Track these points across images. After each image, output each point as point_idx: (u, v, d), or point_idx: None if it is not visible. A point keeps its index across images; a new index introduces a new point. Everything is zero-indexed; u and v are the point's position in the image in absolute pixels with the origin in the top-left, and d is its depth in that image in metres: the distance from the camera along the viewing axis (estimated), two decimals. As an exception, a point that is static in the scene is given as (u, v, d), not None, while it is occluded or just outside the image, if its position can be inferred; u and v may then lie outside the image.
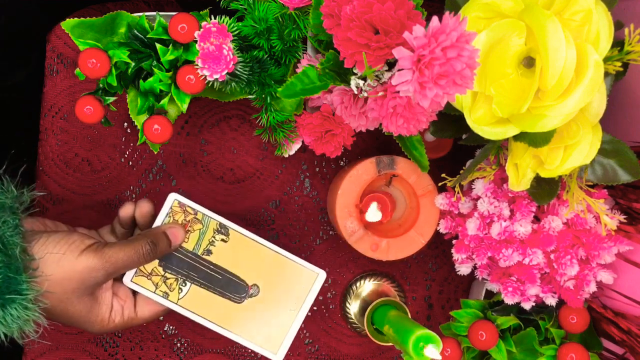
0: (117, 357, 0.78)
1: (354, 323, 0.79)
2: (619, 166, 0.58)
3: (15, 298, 0.54)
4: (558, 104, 0.52)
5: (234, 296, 0.66)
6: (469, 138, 0.61)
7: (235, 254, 0.66)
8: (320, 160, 0.78)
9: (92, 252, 0.58)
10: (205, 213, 0.66)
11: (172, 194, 0.65)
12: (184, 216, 0.65)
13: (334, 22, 0.53)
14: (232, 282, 0.66)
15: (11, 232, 0.55)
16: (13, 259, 0.54)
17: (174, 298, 0.65)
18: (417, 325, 0.63)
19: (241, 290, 0.66)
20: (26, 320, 0.55)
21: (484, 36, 0.54)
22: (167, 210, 0.65)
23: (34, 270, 0.56)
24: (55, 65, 0.74)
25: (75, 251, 0.58)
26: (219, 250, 0.66)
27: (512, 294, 0.67)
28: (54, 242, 0.58)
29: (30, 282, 0.55)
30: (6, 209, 0.56)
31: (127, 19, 0.62)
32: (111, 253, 0.59)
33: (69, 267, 0.57)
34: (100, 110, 0.62)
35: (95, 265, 0.58)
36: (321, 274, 0.67)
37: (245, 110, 0.77)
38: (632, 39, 0.54)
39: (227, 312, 0.66)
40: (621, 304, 0.68)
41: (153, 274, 0.65)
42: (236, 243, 0.66)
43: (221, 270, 0.66)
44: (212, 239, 0.66)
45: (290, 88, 0.56)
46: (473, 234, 0.66)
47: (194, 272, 0.66)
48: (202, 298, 0.66)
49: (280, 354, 0.67)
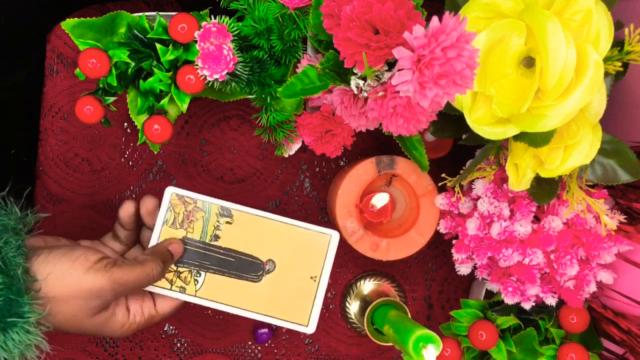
0: (117, 357, 0.78)
1: (354, 323, 0.79)
2: (619, 166, 0.58)
3: (17, 321, 0.51)
4: (558, 104, 0.52)
5: (251, 276, 0.64)
6: (469, 138, 0.61)
7: (243, 233, 0.65)
8: (320, 160, 0.78)
9: (101, 272, 0.56)
10: (204, 200, 0.65)
11: (169, 188, 0.64)
12: (184, 207, 0.65)
13: (334, 22, 0.53)
14: (246, 262, 0.65)
15: (13, 253, 0.53)
16: (15, 280, 0.52)
17: (192, 291, 0.64)
18: (417, 325, 0.63)
19: (257, 268, 0.64)
20: (28, 345, 0.53)
21: (484, 36, 0.54)
22: (167, 204, 0.64)
23: (36, 291, 0.53)
24: (55, 65, 0.74)
25: (80, 268, 0.55)
26: (226, 234, 0.65)
27: (512, 294, 0.67)
28: (56, 257, 0.55)
29: (32, 304, 0.52)
30: (9, 229, 0.55)
31: (127, 19, 0.62)
32: (120, 274, 0.57)
33: (75, 285, 0.55)
34: (100, 110, 0.62)
35: (104, 286, 0.56)
36: (334, 234, 0.65)
37: (245, 110, 0.77)
38: (632, 39, 0.54)
39: (248, 294, 0.64)
40: (621, 304, 0.68)
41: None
42: (242, 223, 0.65)
43: (233, 253, 0.65)
44: (216, 224, 0.65)
45: (290, 88, 0.56)
46: (473, 234, 0.66)
47: (206, 261, 0.64)
48: (220, 285, 0.64)
49: (311, 325, 0.65)
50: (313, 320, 0.65)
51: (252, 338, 0.79)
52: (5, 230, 0.54)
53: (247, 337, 0.79)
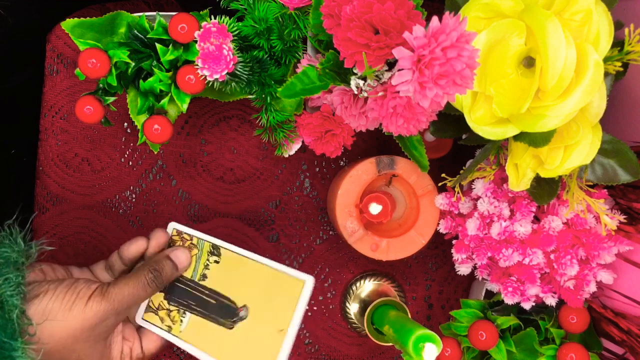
0: (117, 357, 0.78)
1: (354, 323, 0.79)
2: (619, 166, 0.58)
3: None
4: (558, 104, 0.52)
5: (226, 321, 0.62)
6: (469, 138, 0.61)
7: (227, 274, 0.63)
8: (320, 160, 0.78)
9: (99, 297, 0.56)
10: (199, 237, 0.65)
11: (172, 223, 0.66)
12: (182, 243, 0.65)
13: (334, 22, 0.53)
14: (224, 306, 0.63)
15: (11, 292, 0.52)
16: (9, 323, 0.51)
17: (176, 331, 0.64)
18: (417, 325, 0.63)
19: (232, 313, 0.62)
20: None
21: (484, 36, 0.54)
22: (168, 239, 0.66)
23: (30, 335, 0.53)
24: (55, 65, 0.74)
25: (83, 300, 0.55)
26: (213, 273, 0.64)
27: (512, 294, 0.67)
28: (62, 294, 0.55)
29: (25, 348, 0.52)
30: (10, 264, 0.54)
31: (127, 19, 0.62)
32: (116, 292, 0.57)
33: (79, 317, 0.55)
34: (100, 110, 0.62)
35: (105, 309, 0.56)
36: (308, 280, 0.59)
37: (245, 110, 0.76)
38: (632, 39, 0.54)
39: (221, 340, 0.62)
40: (621, 304, 0.68)
41: (160, 308, 0.64)
42: (227, 262, 0.63)
43: (214, 295, 0.63)
44: (206, 262, 0.64)
45: (290, 88, 0.56)
46: (473, 234, 0.66)
47: (193, 301, 0.64)
48: (200, 328, 0.63)
49: None
50: None
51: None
52: (7, 264, 0.54)
53: (247, 337, 0.79)
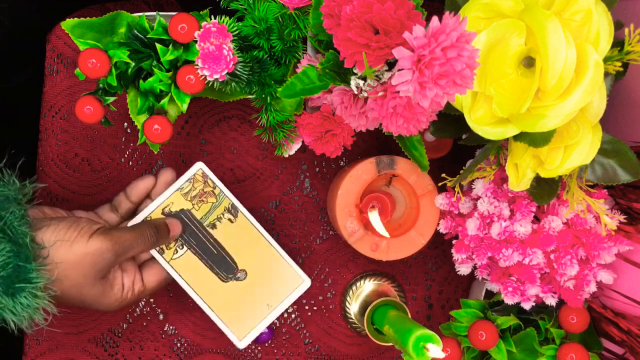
0: (117, 357, 0.78)
1: (354, 323, 0.79)
2: (619, 166, 0.58)
3: (25, 287, 0.54)
4: (558, 104, 0.52)
5: (221, 273, 0.69)
6: (469, 138, 0.61)
7: (237, 236, 0.69)
8: (320, 160, 0.78)
9: (102, 235, 0.60)
10: (222, 190, 0.69)
11: (199, 163, 0.68)
12: (203, 186, 0.68)
13: (334, 22, 0.53)
14: (224, 261, 0.69)
15: (19, 222, 0.56)
16: (23, 248, 0.55)
17: (168, 256, 0.68)
18: (417, 325, 0.63)
19: (230, 270, 0.69)
20: (36, 308, 0.56)
21: (484, 36, 0.54)
22: (191, 175, 0.68)
23: (44, 258, 0.57)
24: (55, 65, 0.74)
25: (85, 235, 0.59)
26: (223, 228, 0.69)
27: (512, 294, 0.67)
28: (65, 228, 0.59)
29: (40, 270, 0.56)
30: (11, 200, 0.57)
31: (127, 19, 0.62)
32: (119, 234, 0.62)
33: (81, 251, 0.59)
34: (100, 110, 0.62)
35: (106, 246, 0.60)
36: (306, 281, 0.70)
37: (245, 110, 0.76)
38: (632, 39, 0.54)
39: (211, 286, 0.69)
40: (621, 304, 0.68)
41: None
42: (241, 226, 0.69)
43: (218, 246, 0.69)
44: (220, 215, 0.69)
45: (290, 88, 0.56)
46: (473, 234, 0.66)
47: (194, 239, 0.68)
48: (193, 265, 0.68)
49: (244, 342, 0.69)
50: (247, 339, 0.69)
51: (252, 338, 0.79)
52: (7, 200, 0.57)
53: (247, 337, 0.79)
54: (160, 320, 0.78)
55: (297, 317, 0.79)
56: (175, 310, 0.78)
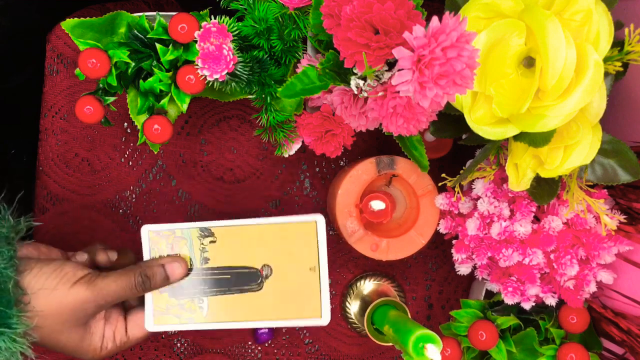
0: (117, 357, 0.78)
1: (354, 323, 0.79)
2: (619, 166, 0.58)
3: (4, 331, 0.53)
4: (558, 104, 0.52)
5: (251, 286, 0.63)
6: (469, 138, 0.61)
7: (230, 247, 0.64)
8: (320, 160, 0.78)
9: (85, 285, 0.58)
10: (181, 227, 0.64)
11: (144, 227, 0.64)
12: (165, 241, 0.64)
13: (334, 22, 0.53)
14: (243, 275, 0.64)
15: (5, 264, 0.54)
16: (5, 293, 0.54)
17: (200, 319, 0.64)
18: (417, 325, 0.63)
19: (255, 277, 0.64)
20: (13, 352, 0.54)
21: (484, 36, 0.54)
22: (147, 244, 0.64)
23: (25, 304, 0.55)
24: (55, 65, 0.74)
25: (67, 283, 0.57)
26: (214, 253, 0.64)
27: (512, 294, 0.67)
28: (47, 273, 0.57)
29: (20, 316, 0.54)
30: (2, 238, 0.56)
31: (127, 19, 0.62)
32: (103, 285, 0.59)
33: (61, 300, 0.57)
34: (100, 110, 0.62)
35: (87, 297, 0.58)
36: (319, 219, 0.63)
37: (245, 110, 0.77)
38: (632, 39, 0.54)
39: (254, 304, 0.63)
40: (621, 304, 0.68)
41: (169, 307, 0.64)
42: (225, 237, 0.64)
43: (226, 270, 0.64)
44: (201, 247, 0.64)
45: (290, 88, 0.56)
46: (473, 234, 0.66)
47: (204, 286, 0.64)
48: (225, 304, 0.64)
49: (325, 316, 0.63)
50: (325, 310, 0.63)
51: (252, 338, 0.79)
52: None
53: (247, 337, 0.79)
54: (160, 320, 0.78)
55: (297, 317, 0.79)
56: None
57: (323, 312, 0.63)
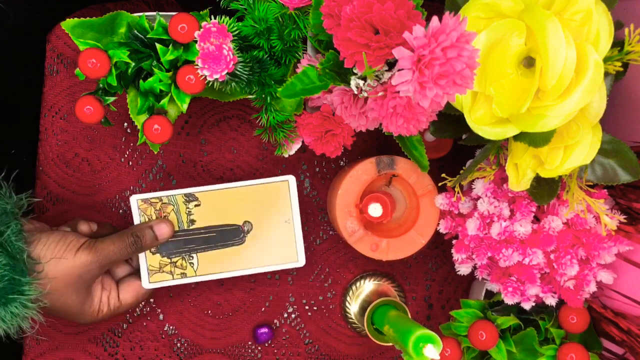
0: (117, 357, 0.78)
1: (354, 323, 0.79)
2: (619, 166, 0.58)
3: (18, 298, 0.58)
4: (558, 104, 0.52)
5: (235, 241, 0.72)
6: (469, 138, 0.61)
7: (213, 209, 0.71)
8: (320, 160, 0.78)
9: (87, 249, 0.64)
10: (167, 194, 0.70)
11: (132, 197, 0.70)
12: (153, 207, 0.70)
13: (334, 22, 0.53)
14: (226, 232, 0.71)
15: (16, 237, 0.59)
16: (18, 262, 0.58)
17: (192, 273, 0.71)
18: (417, 325, 0.63)
19: (237, 232, 0.72)
20: (24, 317, 0.59)
21: (484, 36, 0.54)
22: (137, 212, 0.70)
23: (38, 272, 0.60)
24: (55, 65, 0.74)
25: (72, 250, 0.63)
26: (199, 215, 0.71)
27: (512, 294, 0.67)
28: (54, 243, 0.62)
29: (33, 283, 0.59)
30: (9, 214, 0.60)
31: (127, 19, 0.62)
32: (103, 246, 0.65)
33: (68, 265, 0.62)
34: (100, 110, 0.62)
35: (91, 260, 0.63)
36: (290, 179, 0.71)
37: (245, 110, 0.77)
38: (632, 39, 0.54)
39: (239, 256, 0.71)
40: (621, 304, 0.68)
41: (162, 266, 0.70)
42: (208, 200, 0.71)
43: (212, 228, 0.71)
44: (187, 210, 0.70)
45: (290, 88, 0.56)
46: (473, 234, 0.66)
47: (193, 244, 0.71)
48: (213, 259, 0.71)
49: (300, 259, 0.72)
50: (300, 255, 0.72)
51: (252, 338, 0.79)
52: (5, 214, 0.59)
53: (247, 337, 0.79)
54: (160, 321, 0.78)
55: (297, 317, 0.79)
56: (175, 310, 0.78)
57: (299, 256, 0.72)
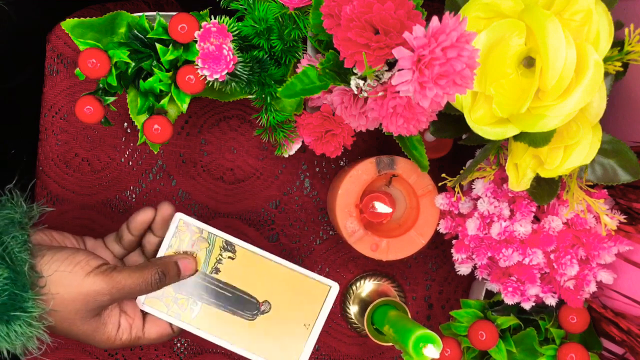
0: (117, 357, 0.78)
1: (354, 323, 0.79)
2: (619, 166, 0.58)
3: (20, 315, 0.53)
4: (558, 104, 0.52)
5: (245, 314, 0.65)
6: (469, 138, 0.61)
7: (244, 270, 0.65)
8: (320, 160, 0.78)
9: (100, 275, 0.58)
10: (210, 231, 0.65)
11: (178, 214, 0.65)
12: (190, 235, 0.65)
13: (334, 22, 0.53)
14: (242, 300, 0.65)
15: (20, 248, 0.55)
16: (20, 276, 0.54)
17: (187, 318, 0.65)
18: (417, 325, 0.63)
19: (252, 307, 0.65)
20: (29, 337, 0.55)
21: (484, 36, 0.54)
22: (174, 230, 0.65)
23: (40, 287, 0.55)
24: (55, 65, 0.74)
25: (80, 272, 0.57)
26: (227, 268, 0.65)
27: (512, 294, 0.67)
28: (60, 260, 0.57)
29: (36, 299, 0.54)
30: (15, 224, 0.56)
31: (127, 19, 0.62)
32: (119, 279, 0.58)
33: (75, 288, 0.56)
34: (100, 110, 0.62)
35: (102, 289, 0.57)
36: (334, 286, 0.65)
37: (245, 110, 0.77)
38: (632, 39, 0.54)
39: (240, 330, 0.65)
40: (621, 304, 0.68)
41: (164, 295, 0.65)
42: (244, 259, 0.65)
43: (230, 288, 0.65)
44: (219, 257, 0.65)
45: (290, 88, 0.56)
46: (473, 234, 0.66)
47: (204, 292, 0.65)
48: (214, 317, 0.65)
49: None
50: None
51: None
52: (12, 224, 0.56)
53: (247, 337, 0.79)
54: (160, 320, 0.78)
55: (297, 317, 0.79)
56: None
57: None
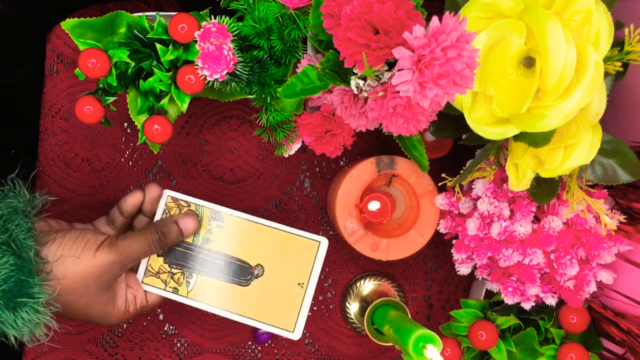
0: (117, 357, 0.78)
1: (354, 323, 0.79)
2: (619, 166, 0.58)
3: (27, 301, 0.54)
4: (558, 104, 0.52)
5: (240, 280, 0.66)
6: (469, 138, 0.61)
7: (234, 237, 0.66)
8: (320, 160, 0.78)
9: (107, 247, 0.60)
10: (197, 203, 0.66)
11: (166, 191, 0.66)
12: (179, 210, 0.66)
13: (334, 22, 0.53)
14: (235, 266, 0.66)
15: (24, 235, 0.56)
16: (26, 262, 0.55)
17: (184, 292, 0.66)
18: (417, 325, 0.63)
19: (246, 272, 0.66)
20: (37, 323, 0.55)
21: (484, 36, 0.54)
22: (163, 207, 0.66)
23: (47, 273, 0.57)
24: (55, 65, 0.74)
25: (91, 248, 0.59)
26: (217, 237, 0.66)
27: (512, 294, 0.67)
28: (71, 242, 0.59)
29: (42, 285, 0.56)
30: (19, 212, 0.57)
31: (127, 19, 0.62)
32: (124, 245, 0.61)
33: (88, 264, 0.59)
34: (100, 110, 0.62)
35: (112, 259, 0.60)
36: (323, 241, 0.65)
37: (245, 110, 0.77)
38: (632, 39, 0.54)
39: (237, 298, 0.66)
40: (621, 304, 0.68)
41: (160, 271, 0.66)
42: (233, 227, 0.66)
43: (223, 256, 0.66)
44: (208, 227, 0.66)
45: (290, 88, 0.56)
46: (473, 234, 0.66)
47: (198, 263, 0.66)
48: (211, 287, 0.66)
49: (297, 332, 0.65)
50: (299, 327, 0.65)
51: (252, 338, 0.79)
52: (16, 212, 0.57)
53: (247, 337, 0.79)
54: (160, 321, 0.78)
55: (297, 317, 0.79)
56: (175, 310, 0.78)
57: (296, 328, 0.65)
